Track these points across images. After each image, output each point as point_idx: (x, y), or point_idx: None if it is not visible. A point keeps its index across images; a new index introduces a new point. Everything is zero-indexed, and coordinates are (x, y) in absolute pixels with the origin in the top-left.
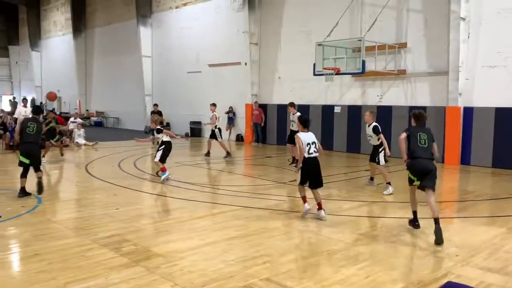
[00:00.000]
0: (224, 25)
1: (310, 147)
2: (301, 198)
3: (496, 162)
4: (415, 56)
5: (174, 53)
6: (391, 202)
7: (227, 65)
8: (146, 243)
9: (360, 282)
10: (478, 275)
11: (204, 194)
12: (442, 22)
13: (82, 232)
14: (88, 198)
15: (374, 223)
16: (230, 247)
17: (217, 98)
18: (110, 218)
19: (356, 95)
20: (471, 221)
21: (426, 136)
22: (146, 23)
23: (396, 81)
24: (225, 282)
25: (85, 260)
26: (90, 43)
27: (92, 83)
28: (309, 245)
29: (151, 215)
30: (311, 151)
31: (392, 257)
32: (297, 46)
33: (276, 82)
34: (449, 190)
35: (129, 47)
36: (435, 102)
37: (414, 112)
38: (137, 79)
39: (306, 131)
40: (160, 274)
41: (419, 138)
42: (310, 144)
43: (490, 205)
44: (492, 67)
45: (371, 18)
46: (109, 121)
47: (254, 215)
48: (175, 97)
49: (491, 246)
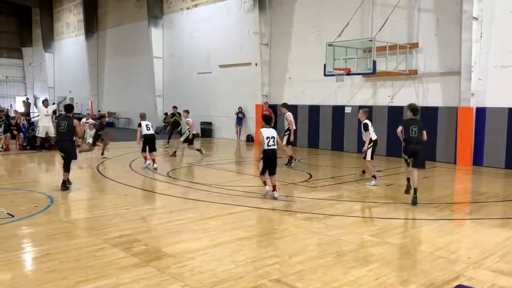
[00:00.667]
0: (235, 26)
1: (270, 141)
2: (262, 183)
3: (509, 163)
4: (426, 56)
5: (185, 54)
6: (402, 203)
7: (237, 66)
8: (157, 243)
9: (370, 284)
10: (490, 277)
11: (214, 194)
12: (454, 22)
13: (93, 232)
14: (99, 198)
15: (384, 224)
16: (239, 247)
17: (228, 98)
18: (121, 218)
19: (367, 96)
20: (483, 223)
21: (417, 128)
22: (157, 24)
23: (407, 81)
24: (234, 283)
25: (96, 260)
26: (102, 44)
27: (104, 84)
28: (318, 246)
29: (162, 215)
30: (270, 143)
31: (402, 259)
32: (307, 47)
33: (286, 83)
34: (462, 192)
35: (140, 48)
36: (447, 103)
37: (411, 105)
38: (148, 80)
39: (268, 127)
40: (170, 274)
41: (411, 130)
42: (269, 138)
43: (502, 207)
44: (505, 67)
45: (382, 18)
46: (121, 122)
47: (264, 216)
48: (185, 98)
49: (503, 248)
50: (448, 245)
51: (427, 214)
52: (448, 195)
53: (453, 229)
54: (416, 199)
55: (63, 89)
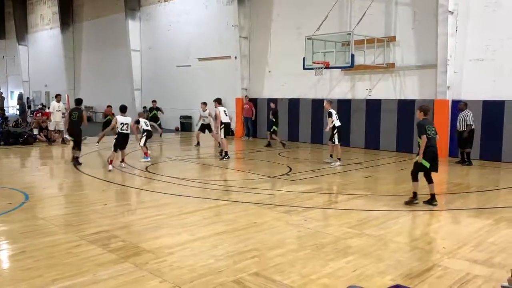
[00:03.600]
0: (214, 19)
1: (123, 126)
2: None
3: (483, 154)
4: (404, 50)
5: (164, 47)
6: (381, 195)
7: (217, 59)
8: (135, 239)
9: (348, 275)
10: (465, 266)
11: (194, 189)
12: (431, 16)
13: (70, 228)
14: (76, 194)
15: (362, 217)
16: (219, 242)
17: (207, 92)
18: (98, 214)
19: (346, 89)
20: (458, 214)
21: (433, 128)
22: (135, 17)
23: (385, 74)
24: (214, 277)
25: (73, 257)
26: (78, 37)
27: (81, 78)
28: (297, 239)
29: (140, 210)
30: (123, 128)
31: (380, 250)
32: (287, 40)
33: (266, 76)
34: (438, 183)
35: (117, 41)
36: (424, 96)
37: (423, 106)
38: (126, 74)
39: (124, 115)
40: (148, 270)
41: (430, 131)
42: (123, 123)
43: (476, 197)
44: (480, 60)
45: (360, 11)
46: (98, 116)
47: (244, 209)
48: (164, 92)
49: (477, 237)
50: (424, 236)
51: (404, 205)
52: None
53: (429, 220)
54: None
55: (38, 83)
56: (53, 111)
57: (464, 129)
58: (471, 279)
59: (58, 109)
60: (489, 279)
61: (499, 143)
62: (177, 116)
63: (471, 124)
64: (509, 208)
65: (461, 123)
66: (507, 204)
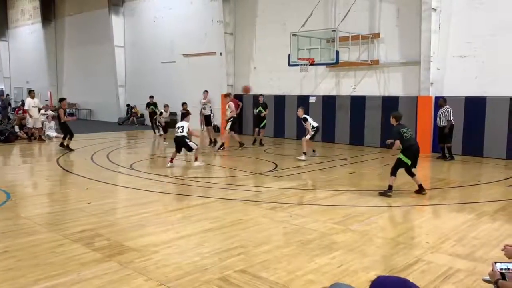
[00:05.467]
0: (199, 15)
1: (178, 129)
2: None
3: (466, 150)
4: (388, 47)
5: (148, 43)
6: (365, 191)
7: (202, 55)
8: (120, 238)
9: (333, 271)
10: (447, 261)
11: (180, 186)
12: (414, 13)
13: (53, 227)
14: (59, 192)
15: (347, 212)
16: (205, 239)
17: (193, 88)
18: (82, 213)
19: (331, 86)
20: (442, 209)
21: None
22: (118, 12)
23: (369, 71)
24: (200, 275)
25: (56, 256)
26: (61, 33)
27: (63, 74)
28: (284, 235)
29: (125, 208)
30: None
31: (365, 246)
32: (272, 37)
33: (252, 73)
34: (421, 178)
35: (101, 36)
36: (408, 92)
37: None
38: (109, 70)
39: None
40: (133, 268)
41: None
42: (178, 127)
43: (459, 192)
44: (462, 57)
45: (344, 8)
46: (82, 113)
47: (230, 206)
48: (149, 88)
49: (460, 232)
50: (408, 231)
51: (389, 201)
52: (408, 182)
53: (413, 215)
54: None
55: (20, 79)
56: (29, 107)
57: (444, 124)
58: (454, 273)
59: (34, 105)
60: (471, 273)
61: (481, 139)
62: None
63: (450, 120)
64: (490, 202)
65: (441, 118)
66: (488, 198)
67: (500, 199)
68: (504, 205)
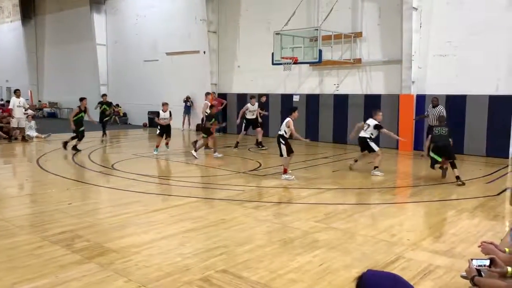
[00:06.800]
0: (182, 13)
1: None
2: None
3: None
4: (370, 46)
5: (130, 41)
6: (348, 189)
7: (185, 54)
8: (100, 239)
9: (315, 269)
10: (427, 258)
11: (162, 186)
12: (396, 12)
13: (32, 229)
14: (39, 193)
15: (330, 210)
16: (187, 239)
17: (176, 87)
18: (62, 214)
19: (314, 84)
20: (423, 206)
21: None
22: (100, 10)
23: (352, 70)
24: (181, 276)
25: (34, 259)
26: (41, 31)
27: (44, 73)
28: (266, 234)
29: (106, 209)
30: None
31: (347, 243)
32: (256, 35)
33: (236, 71)
34: (403, 176)
35: (82, 35)
36: (390, 90)
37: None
38: (91, 68)
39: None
40: (113, 270)
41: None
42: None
43: (440, 190)
44: (443, 56)
45: (327, 7)
46: (63, 112)
47: (212, 206)
48: (132, 87)
49: (439, 229)
50: (390, 228)
51: (371, 198)
52: (390, 180)
53: (394, 213)
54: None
55: None
56: (14, 107)
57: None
58: (433, 270)
59: (19, 104)
60: (449, 269)
61: (462, 137)
62: (145, 112)
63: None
64: (470, 199)
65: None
66: (468, 195)
67: (479, 196)
68: (483, 202)
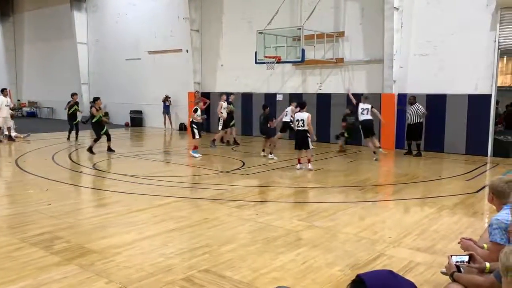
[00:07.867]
0: (164, 11)
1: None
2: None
3: (428, 145)
4: (352, 45)
5: (112, 40)
6: (331, 187)
7: (168, 52)
8: (80, 240)
9: (297, 268)
10: (408, 255)
11: (144, 186)
12: (378, 12)
13: (10, 231)
14: (18, 194)
15: (312, 209)
16: (169, 239)
17: (159, 86)
18: (42, 215)
19: (297, 83)
20: (404, 203)
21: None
22: (81, 8)
23: (334, 69)
24: (163, 276)
25: (13, 261)
26: (20, 29)
27: (23, 71)
28: (249, 234)
29: (86, 210)
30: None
31: (329, 242)
32: (239, 34)
33: (219, 70)
34: (384, 174)
35: (62, 33)
36: (372, 89)
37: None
38: (72, 67)
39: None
40: (94, 271)
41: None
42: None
43: (421, 187)
44: (423, 55)
45: (310, 6)
46: (43, 112)
47: (195, 206)
48: (114, 86)
49: (420, 226)
50: (372, 226)
51: (353, 197)
52: (372, 178)
53: (376, 211)
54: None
55: None
56: (1, 106)
57: (415, 121)
58: (414, 267)
59: (7, 103)
60: (430, 266)
61: (442, 135)
62: (127, 111)
63: (424, 113)
64: (450, 196)
65: (412, 116)
66: (448, 193)
67: (459, 193)
68: (463, 199)
